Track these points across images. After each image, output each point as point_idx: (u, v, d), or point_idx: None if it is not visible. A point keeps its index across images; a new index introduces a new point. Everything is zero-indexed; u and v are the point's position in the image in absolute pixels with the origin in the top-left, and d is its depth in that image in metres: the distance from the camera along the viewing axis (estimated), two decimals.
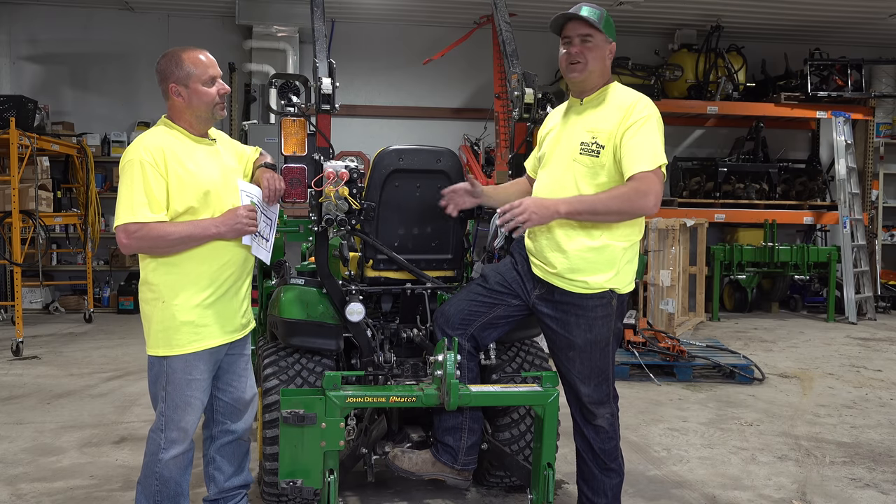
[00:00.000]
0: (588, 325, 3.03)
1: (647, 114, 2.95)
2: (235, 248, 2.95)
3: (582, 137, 3.02)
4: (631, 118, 2.93)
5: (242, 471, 3.20)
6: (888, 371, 6.80)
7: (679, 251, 8.57)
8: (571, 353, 3.06)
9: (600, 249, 2.99)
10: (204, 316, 2.87)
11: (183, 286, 2.85)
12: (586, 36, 3.02)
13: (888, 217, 11.85)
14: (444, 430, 3.24)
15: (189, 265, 2.85)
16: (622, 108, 2.98)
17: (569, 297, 3.03)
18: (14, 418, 5.01)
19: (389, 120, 10.82)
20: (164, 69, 2.90)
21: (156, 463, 2.95)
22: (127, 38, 10.28)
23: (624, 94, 3.07)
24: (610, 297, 3.03)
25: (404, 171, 3.44)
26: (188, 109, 2.91)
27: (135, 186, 2.76)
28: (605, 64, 3.07)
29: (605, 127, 2.98)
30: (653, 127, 2.94)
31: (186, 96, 2.88)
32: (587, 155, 2.99)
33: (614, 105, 3.01)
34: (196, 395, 2.91)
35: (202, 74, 2.88)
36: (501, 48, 3.87)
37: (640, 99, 3.01)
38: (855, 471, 4.22)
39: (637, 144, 2.91)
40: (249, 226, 2.90)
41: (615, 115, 2.98)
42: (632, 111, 2.95)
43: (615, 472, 3.16)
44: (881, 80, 11.11)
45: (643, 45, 10.96)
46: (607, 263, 3.01)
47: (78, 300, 9.82)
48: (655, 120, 2.96)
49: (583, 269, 2.99)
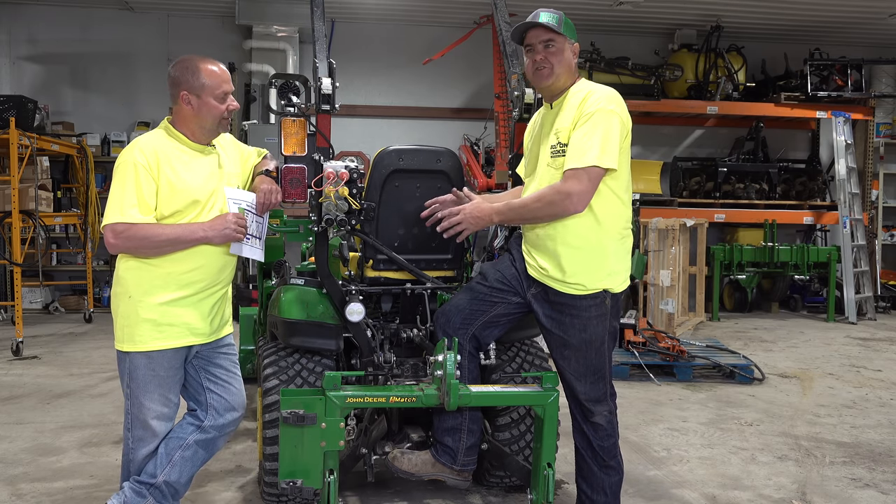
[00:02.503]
0: (582, 325, 3.03)
1: (597, 108, 2.91)
2: (213, 255, 2.94)
3: (551, 140, 3.04)
4: (584, 111, 2.93)
5: (189, 481, 3.08)
6: (888, 371, 6.80)
7: (679, 251, 8.57)
8: (567, 351, 3.07)
9: (586, 250, 2.99)
10: (167, 315, 2.87)
11: (151, 284, 2.86)
12: (548, 41, 3.05)
13: (888, 217, 11.85)
14: (444, 430, 3.25)
15: (161, 265, 2.86)
16: (576, 103, 2.98)
17: (563, 298, 3.03)
18: (14, 418, 5.01)
19: (389, 120, 10.82)
20: (178, 75, 2.89)
21: (129, 463, 2.96)
22: (127, 38, 10.28)
23: (582, 88, 3.06)
24: (604, 296, 3.03)
25: (404, 171, 3.44)
26: (195, 119, 2.92)
27: (126, 187, 2.78)
28: (570, 66, 3.08)
29: (565, 125, 2.99)
30: (598, 122, 2.89)
31: (196, 106, 2.89)
32: (556, 157, 3.01)
33: (574, 102, 3.02)
34: (160, 392, 2.91)
35: (216, 88, 2.89)
36: (501, 48, 3.87)
37: (592, 93, 2.98)
38: (855, 471, 4.22)
39: (577, 139, 2.91)
40: (237, 233, 2.91)
41: (572, 111, 2.98)
42: (583, 105, 2.94)
43: (614, 470, 3.16)
44: (881, 80, 11.12)
45: (643, 45, 10.96)
46: (597, 263, 3.01)
47: (78, 300, 9.82)
48: (606, 114, 2.90)
49: (574, 270, 2.99)
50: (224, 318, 3.10)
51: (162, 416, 2.94)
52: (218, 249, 2.95)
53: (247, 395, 3.26)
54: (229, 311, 3.14)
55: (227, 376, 3.08)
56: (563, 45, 3.04)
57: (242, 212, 2.97)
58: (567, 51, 3.06)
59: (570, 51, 3.07)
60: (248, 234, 2.98)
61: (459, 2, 9.68)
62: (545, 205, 2.94)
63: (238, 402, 3.11)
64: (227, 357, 3.11)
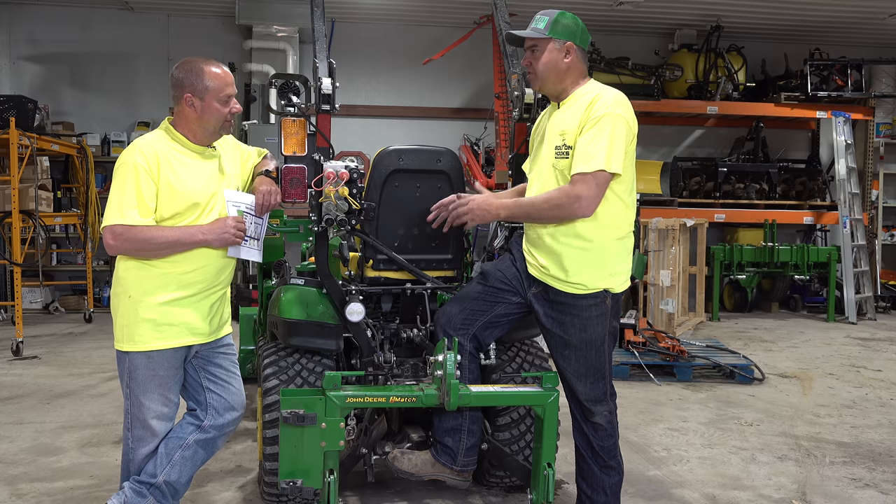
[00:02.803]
0: (583, 324, 3.03)
1: (604, 112, 2.90)
2: (212, 256, 2.94)
3: (556, 142, 3.03)
4: (591, 115, 2.92)
5: (189, 481, 3.09)
6: (888, 371, 6.80)
7: (679, 251, 8.57)
8: (567, 351, 3.07)
9: (588, 249, 2.99)
10: (166, 315, 2.88)
11: (151, 284, 2.86)
12: (532, 46, 3.09)
13: (888, 217, 11.85)
14: (444, 431, 3.25)
15: (161, 265, 2.87)
16: (584, 105, 2.98)
17: (563, 297, 3.03)
18: (14, 418, 5.01)
19: (389, 120, 10.82)
20: (181, 77, 2.89)
21: (129, 463, 2.96)
22: (127, 38, 10.28)
23: (589, 90, 3.05)
24: (604, 296, 3.04)
25: (404, 171, 3.44)
26: (198, 122, 2.92)
27: (126, 189, 2.79)
28: (559, 67, 3.05)
29: (570, 127, 2.99)
30: (606, 127, 2.89)
31: (199, 109, 2.89)
32: (560, 158, 3.01)
33: (580, 103, 3.01)
34: (160, 392, 2.91)
35: (219, 91, 2.89)
36: (501, 48, 3.87)
37: (601, 96, 2.97)
38: (855, 471, 4.22)
39: (584, 144, 2.91)
40: (236, 237, 2.92)
41: (578, 113, 2.98)
42: (590, 109, 2.94)
43: (614, 470, 3.17)
44: (881, 80, 11.11)
45: (643, 45, 10.96)
46: (598, 263, 3.01)
47: (78, 300, 9.82)
48: (613, 119, 2.90)
49: (576, 270, 2.99)
50: (223, 317, 3.10)
51: (162, 416, 2.94)
52: (217, 252, 2.95)
53: (247, 395, 3.27)
54: (228, 311, 3.15)
55: (226, 376, 3.09)
56: (547, 47, 3.04)
57: (241, 214, 2.98)
58: (552, 52, 3.04)
59: (558, 52, 3.04)
60: (245, 235, 2.98)
61: (459, 2, 9.68)
62: (553, 207, 2.95)
63: (238, 401, 3.11)
64: (226, 357, 3.11)
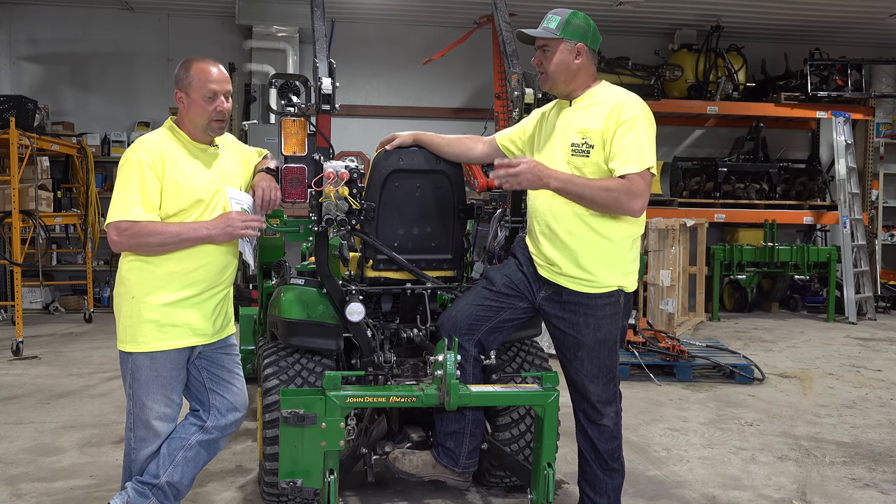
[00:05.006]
0: (597, 324, 3.03)
1: (636, 113, 2.94)
2: (214, 254, 2.95)
3: (573, 139, 3.03)
4: (621, 117, 2.93)
5: (191, 481, 3.08)
6: (888, 371, 6.80)
7: (679, 251, 8.57)
8: (580, 352, 3.06)
9: (605, 247, 3.00)
10: (170, 315, 2.88)
11: (154, 284, 2.87)
12: (543, 46, 3.09)
13: (888, 217, 11.85)
14: (446, 434, 3.24)
15: (164, 264, 2.87)
16: (610, 106, 2.98)
17: (577, 297, 3.03)
18: (14, 418, 5.01)
19: (389, 120, 10.81)
20: (176, 73, 2.95)
21: (130, 463, 2.96)
22: (127, 38, 10.28)
23: (612, 92, 3.08)
24: (618, 295, 3.05)
25: (404, 171, 3.44)
26: (187, 117, 2.94)
27: (131, 185, 2.79)
28: (570, 67, 3.06)
29: (594, 126, 2.99)
30: (642, 126, 2.93)
31: (186, 104, 2.92)
32: (579, 156, 3.01)
33: (603, 104, 3.02)
34: (163, 393, 2.91)
35: (201, 87, 2.89)
36: (501, 48, 3.87)
37: (628, 97, 3.01)
38: (855, 471, 4.22)
39: (627, 145, 2.91)
40: (242, 230, 2.91)
41: (604, 114, 2.98)
42: (620, 110, 2.95)
43: (617, 473, 3.17)
44: (881, 80, 11.10)
45: (643, 45, 10.96)
46: (615, 261, 3.02)
47: (78, 300, 9.82)
48: (644, 119, 2.96)
49: (593, 267, 3.00)
50: (227, 318, 3.11)
51: (164, 417, 2.94)
52: (220, 249, 2.96)
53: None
54: (231, 312, 3.15)
55: (229, 377, 3.09)
56: (558, 47, 3.05)
57: (243, 212, 2.98)
58: (563, 53, 3.05)
59: (568, 52, 3.05)
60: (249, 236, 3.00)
61: (459, 2, 9.68)
62: (611, 197, 2.91)
63: (240, 402, 3.11)
64: (229, 357, 3.11)
